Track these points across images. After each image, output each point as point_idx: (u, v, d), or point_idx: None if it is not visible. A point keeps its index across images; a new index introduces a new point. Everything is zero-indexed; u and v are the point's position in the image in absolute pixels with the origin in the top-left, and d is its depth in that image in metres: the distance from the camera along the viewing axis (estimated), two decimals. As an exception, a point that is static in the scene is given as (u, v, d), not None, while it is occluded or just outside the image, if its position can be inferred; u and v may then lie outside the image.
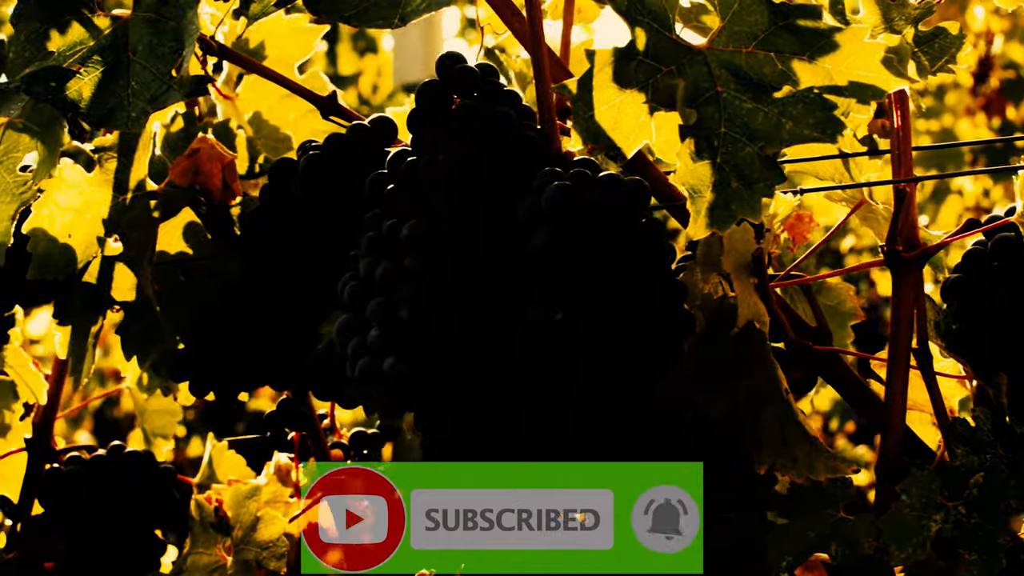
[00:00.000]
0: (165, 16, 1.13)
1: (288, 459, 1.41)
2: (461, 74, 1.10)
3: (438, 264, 1.06)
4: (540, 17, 1.10)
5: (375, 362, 1.05)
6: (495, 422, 1.09)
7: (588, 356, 1.03)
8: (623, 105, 1.03)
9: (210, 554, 1.30)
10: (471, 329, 1.07)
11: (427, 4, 1.05)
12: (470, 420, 1.08)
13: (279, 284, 1.23)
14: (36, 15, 1.17)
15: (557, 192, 1.03)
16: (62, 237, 1.25)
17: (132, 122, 1.10)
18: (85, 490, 1.40)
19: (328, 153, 1.20)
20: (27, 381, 1.41)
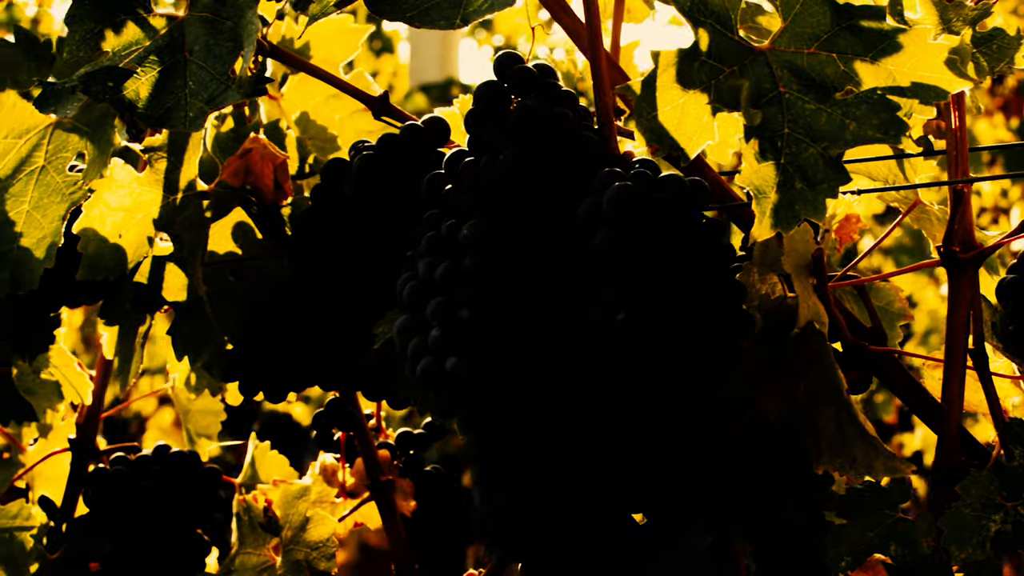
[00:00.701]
0: (222, 16, 1.13)
1: (334, 459, 1.41)
2: (519, 74, 1.10)
3: (498, 264, 1.06)
4: (598, 18, 1.11)
5: (436, 362, 1.05)
6: (556, 422, 1.09)
7: (649, 357, 1.03)
8: (686, 106, 1.03)
9: (259, 554, 1.30)
10: (532, 329, 1.07)
11: (489, 4, 1.05)
12: (531, 419, 1.09)
13: (331, 284, 1.23)
14: (91, 15, 1.16)
15: (618, 193, 1.03)
16: (112, 237, 1.25)
17: (190, 122, 1.10)
18: (131, 491, 1.40)
19: (382, 153, 1.20)
20: (72, 381, 1.41)
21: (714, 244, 1.07)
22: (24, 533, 1.34)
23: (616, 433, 1.07)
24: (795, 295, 1.08)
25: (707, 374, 1.05)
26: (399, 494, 1.38)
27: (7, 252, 1.26)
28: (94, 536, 1.39)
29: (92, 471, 1.43)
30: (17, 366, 1.38)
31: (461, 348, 1.05)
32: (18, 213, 1.28)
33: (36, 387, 1.40)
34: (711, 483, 1.09)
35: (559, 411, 1.09)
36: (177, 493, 1.40)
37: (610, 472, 1.09)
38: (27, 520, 1.34)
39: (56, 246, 1.25)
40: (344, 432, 1.40)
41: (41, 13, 3.68)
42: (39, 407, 1.40)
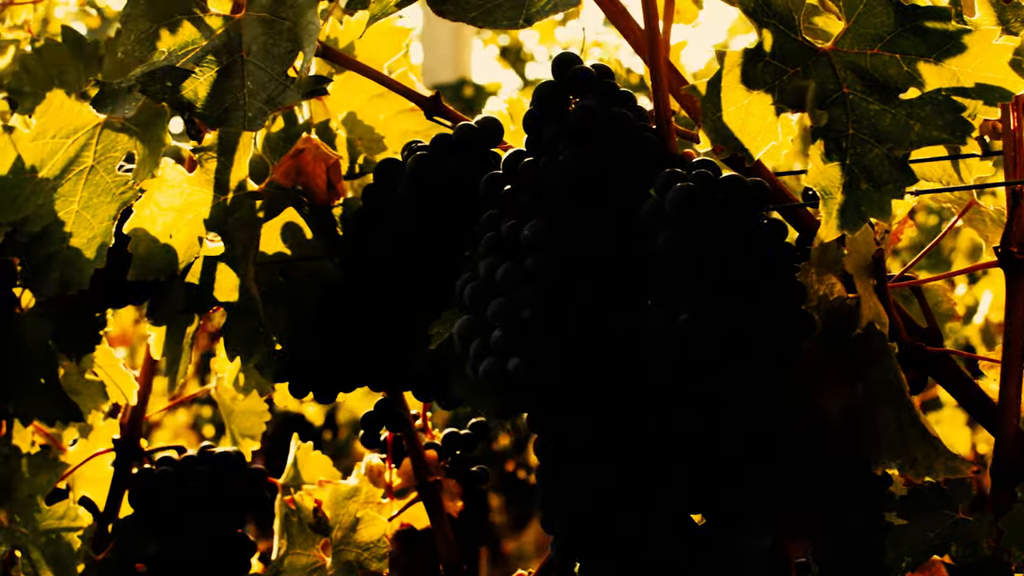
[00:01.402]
0: (280, 16, 1.13)
1: (380, 459, 1.41)
2: (578, 75, 1.10)
3: (560, 265, 1.06)
4: (657, 20, 1.11)
5: (499, 362, 1.05)
6: (618, 421, 1.09)
7: (711, 357, 1.03)
8: (750, 106, 1.03)
9: (308, 555, 1.30)
10: (593, 329, 1.07)
11: (552, 5, 1.05)
12: (592, 419, 1.09)
13: (382, 285, 1.23)
14: (146, 15, 1.16)
15: (681, 193, 1.03)
16: (163, 237, 1.25)
17: (249, 122, 1.10)
18: (177, 491, 1.40)
19: (436, 153, 1.19)
20: (117, 381, 1.41)
21: (776, 244, 1.07)
22: (71, 534, 1.33)
23: (674, 433, 1.07)
24: (855, 296, 1.08)
25: (769, 375, 1.06)
26: (446, 494, 1.38)
27: (57, 252, 1.27)
28: (140, 537, 1.39)
29: (138, 471, 1.43)
30: (63, 366, 1.38)
31: (523, 348, 1.05)
32: (67, 213, 1.28)
33: (81, 387, 1.40)
34: (771, 483, 1.09)
35: (619, 411, 1.09)
36: (223, 493, 1.40)
37: (669, 471, 1.09)
38: (74, 521, 1.34)
39: (107, 246, 1.25)
40: (392, 432, 1.40)
41: (48, 14, 3.67)
42: (84, 407, 1.40)
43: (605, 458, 1.10)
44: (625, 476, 1.10)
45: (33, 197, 1.30)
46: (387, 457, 1.40)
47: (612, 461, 1.10)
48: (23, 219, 1.28)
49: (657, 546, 1.09)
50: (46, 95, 1.31)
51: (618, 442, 1.10)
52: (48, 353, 1.37)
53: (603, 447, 1.10)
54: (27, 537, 1.35)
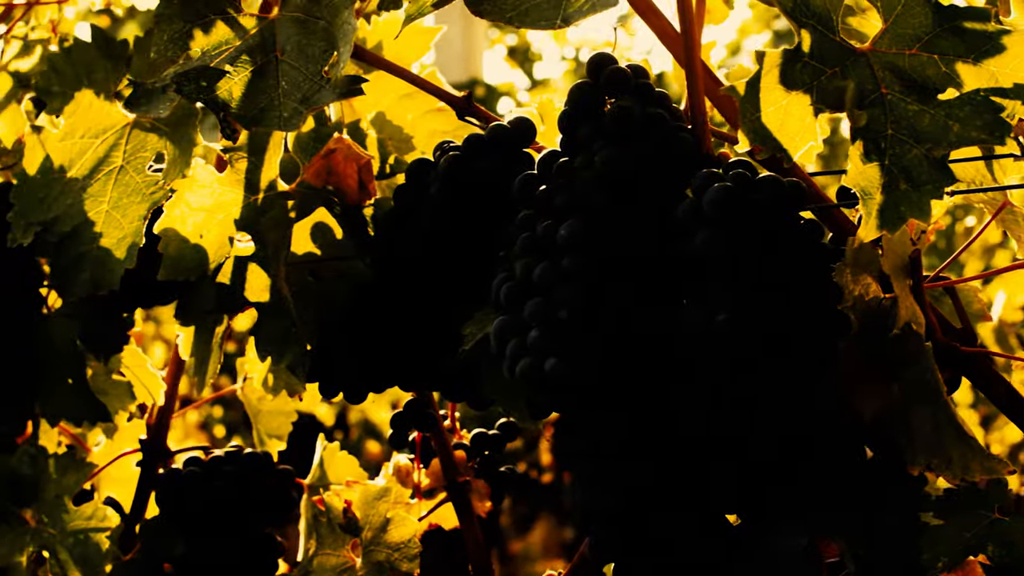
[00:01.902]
0: (315, 16, 1.13)
1: (408, 460, 1.40)
2: (614, 75, 1.10)
3: (597, 264, 1.06)
4: (693, 22, 1.10)
5: (535, 363, 1.05)
6: (653, 422, 1.09)
7: (749, 357, 1.03)
8: (789, 107, 1.03)
9: (338, 555, 1.30)
10: (630, 330, 1.07)
11: (591, 5, 1.05)
12: (628, 419, 1.09)
13: (414, 285, 1.23)
14: (180, 15, 1.16)
15: (719, 193, 1.03)
16: (193, 237, 1.25)
17: (285, 122, 1.10)
18: (205, 491, 1.39)
19: (469, 153, 1.19)
20: (144, 382, 1.41)
21: (813, 245, 1.07)
22: (100, 535, 1.33)
23: (711, 433, 1.07)
24: (891, 296, 1.08)
25: (806, 375, 1.06)
26: (475, 495, 1.38)
27: (87, 252, 1.27)
28: (167, 537, 1.38)
29: (166, 472, 1.43)
30: (91, 366, 1.38)
31: (560, 349, 1.05)
32: (97, 213, 1.28)
33: (108, 387, 1.40)
34: (807, 483, 1.09)
35: (654, 411, 1.09)
36: (250, 494, 1.40)
37: (705, 472, 1.09)
38: (102, 521, 1.34)
39: (137, 246, 1.25)
40: (421, 433, 1.40)
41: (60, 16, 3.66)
42: (111, 408, 1.40)
43: (640, 458, 1.09)
44: (660, 476, 1.10)
45: (62, 197, 1.30)
46: (415, 457, 1.40)
47: (647, 461, 1.09)
48: (53, 219, 1.28)
49: (692, 546, 1.09)
50: (75, 95, 1.32)
51: (653, 442, 1.10)
52: (76, 353, 1.37)
53: (638, 447, 1.10)
54: (55, 538, 1.35)
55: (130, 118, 1.30)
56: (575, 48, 5.54)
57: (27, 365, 1.38)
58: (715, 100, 1.16)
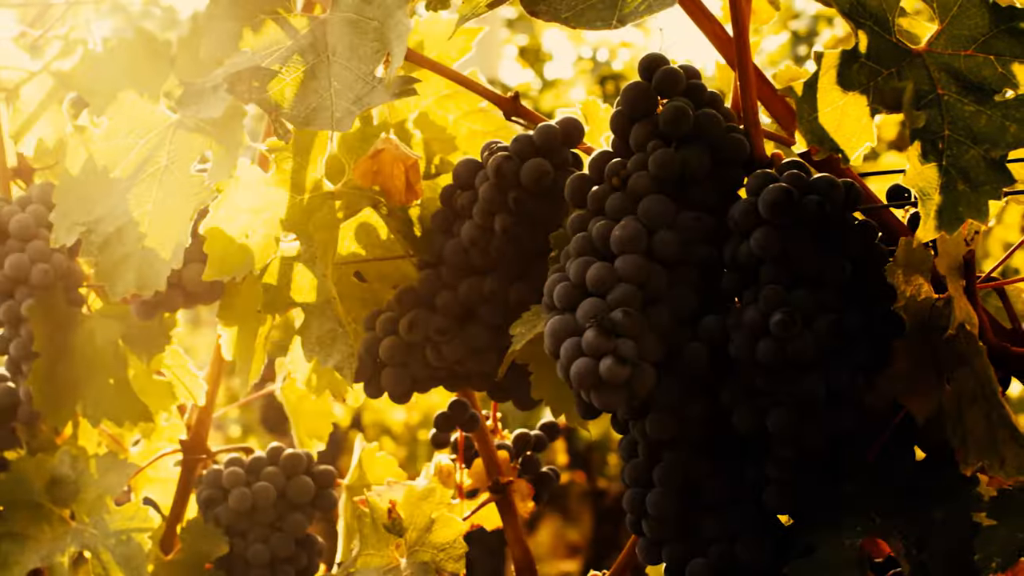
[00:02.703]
0: (367, 16, 1.12)
1: (450, 460, 1.40)
2: (666, 76, 1.10)
3: (653, 265, 1.06)
4: (746, 25, 1.10)
5: (591, 363, 1.05)
6: (707, 422, 1.09)
7: (805, 357, 1.03)
8: (846, 107, 1.03)
9: (382, 555, 1.29)
10: (685, 329, 1.07)
11: (646, 6, 1.05)
12: (683, 420, 1.09)
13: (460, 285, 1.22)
14: (229, 15, 1.16)
15: (775, 194, 1.03)
16: (240, 237, 1.25)
17: (337, 122, 1.10)
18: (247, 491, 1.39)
19: (518, 153, 1.19)
20: (185, 382, 1.41)
21: (868, 245, 1.07)
22: (142, 535, 1.33)
23: (764, 433, 1.07)
24: (944, 296, 1.08)
25: (862, 375, 1.06)
26: (517, 495, 1.38)
27: (131, 252, 1.26)
28: (209, 537, 1.38)
29: (207, 471, 1.43)
30: (132, 366, 1.38)
31: (616, 349, 1.05)
32: (142, 213, 1.27)
33: (149, 388, 1.40)
34: (859, 483, 1.09)
35: (709, 411, 1.09)
36: (292, 494, 1.40)
37: (758, 472, 1.09)
38: (144, 522, 1.34)
39: (182, 247, 1.25)
40: (465, 433, 1.40)
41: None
42: (152, 408, 1.40)
43: (692, 459, 1.10)
44: (712, 477, 1.10)
45: (105, 197, 1.29)
46: (457, 458, 1.40)
47: (700, 461, 1.10)
48: (96, 219, 1.28)
49: (744, 547, 1.09)
50: (118, 95, 1.31)
51: (706, 443, 1.10)
52: (118, 353, 1.37)
53: (691, 447, 1.10)
54: (96, 538, 1.35)
55: (174, 118, 1.29)
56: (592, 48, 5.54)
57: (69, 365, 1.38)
58: (764, 100, 1.16)
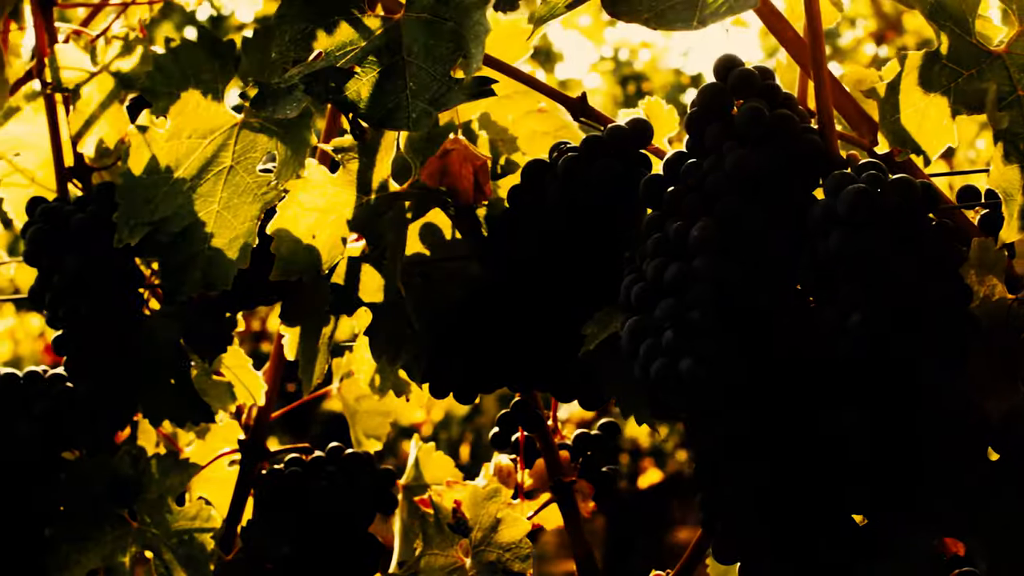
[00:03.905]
0: (442, 17, 1.13)
1: (509, 460, 1.41)
2: (742, 77, 1.11)
3: (730, 265, 1.06)
4: (820, 23, 1.11)
5: (671, 364, 1.05)
6: (783, 422, 1.09)
7: (881, 357, 1.04)
8: (927, 109, 1.04)
9: (446, 555, 1.30)
10: (762, 330, 1.07)
11: (728, 7, 1.05)
12: (761, 419, 1.09)
13: (529, 286, 1.23)
14: (303, 15, 1.16)
15: (854, 195, 1.03)
16: (306, 238, 1.25)
17: (414, 123, 1.10)
18: (307, 491, 1.39)
19: (587, 154, 1.20)
20: (245, 382, 1.41)
21: (945, 246, 1.07)
22: (204, 535, 1.33)
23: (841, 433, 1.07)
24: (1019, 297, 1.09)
25: (939, 376, 1.06)
26: (579, 495, 1.38)
27: (198, 252, 1.26)
28: (270, 537, 1.38)
29: (267, 471, 1.43)
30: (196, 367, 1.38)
31: (695, 350, 1.05)
32: (208, 213, 1.28)
33: (208, 388, 1.40)
34: (938, 484, 1.09)
35: (788, 411, 1.09)
36: (352, 493, 1.40)
37: (836, 472, 1.09)
38: (207, 522, 1.34)
39: (250, 247, 1.25)
40: (528, 433, 1.40)
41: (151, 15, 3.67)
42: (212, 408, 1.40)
43: (769, 458, 1.10)
44: (788, 476, 1.10)
45: (169, 197, 1.30)
46: (519, 458, 1.40)
47: (776, 461, 1.10)
48: (162, 219, 1.28)
49: (819, 547, 1.09)
50: (181, 95, 1.31)
51: (783, 442, 1.10)
52: (179, 354, 1.37)
53: (767, 447, 1.10)
54: (158, 538, 1.35)
55: (238, 118, 1.30)
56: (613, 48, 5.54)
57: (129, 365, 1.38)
58: (836, 102, 1.16)
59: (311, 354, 1.31)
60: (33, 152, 1.57)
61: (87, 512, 1.38)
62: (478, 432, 4.86)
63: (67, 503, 1.39)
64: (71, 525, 1.38)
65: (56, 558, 1.38)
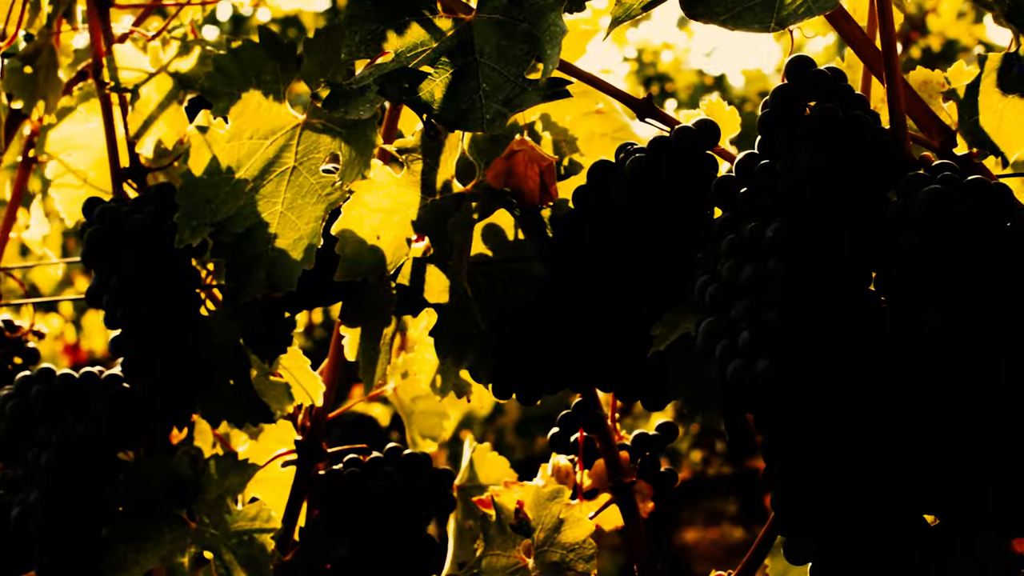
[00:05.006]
0: (515, 18, 1.13)
1: (568, 460, 1.41)
2: (814, 78, 1.11)
3: (804, 266, 1.06)
4: (892, 24, 1.11)
5: (747, 364, 1.06)
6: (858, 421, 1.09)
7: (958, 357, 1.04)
8: (1005, 110, 1.04)
9: (508, 556, 1.30)
10: (838, 330, 1.08)
11: (806, 8, 1.05)
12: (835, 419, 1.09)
13: (595, 286, 1.23)
14: (373, 16, 1.16)
15: (931, 196, 1.03)
16: (371, 239, 1.25)
17: (487, 124, 1.10)
18: (365, 492, 1.39)
19: (655, 155, 1.20)
20: (303, 383, 1.41)
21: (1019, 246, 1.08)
22: (264, 535, 1.33)
23: (917, 432, 1.07)
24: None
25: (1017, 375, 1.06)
26: (638, 495, 1.38)
27: (262, 253, 1.27)
28: (328, 538, 1.38)
29: (326, 472, 1.43)
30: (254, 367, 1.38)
31: (771, 350, 1.05)
32: (271, 214, 1.28)
33: (266, 388, 1.40)
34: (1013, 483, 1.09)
35: (861, 411, 1.09)
36: (411, 494, 1.40)
37: (909, 471, 1.10)
38: (267, 522, 1.34)
39: (315, 248, 1.25)
40: (589, 433, 1.40)
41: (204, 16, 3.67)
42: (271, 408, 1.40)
43: (843, 458, 1.10)
44: (861, 476, 1.10)
45: (230, 198, 1.30)
46: (579, 458, 1.40)
47: (850, 461, 1.10)
48: (224, 220, 1.28)
49: (891, 546, 1.10)
50: (242, 96, 1.32)
51: (856, 442, 1.10)
52: (239, 354, 1.37)
53: (841, 447, 1.10)
54: (217, 538, 1.35)
55: (300, 119, 1.30)
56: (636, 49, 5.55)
57: (187, 366, 1.38)
58: (911, 111, 1.16)
59: (372, 355, 1.31)
60: (85, 153, 1.58)
61: (145, 512, 1.38)
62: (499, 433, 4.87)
63: (126, 503, 1.39)
64: (129, 525, 1.38)
65: (113, 558, 1.38)
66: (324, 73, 1.28)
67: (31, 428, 1.44)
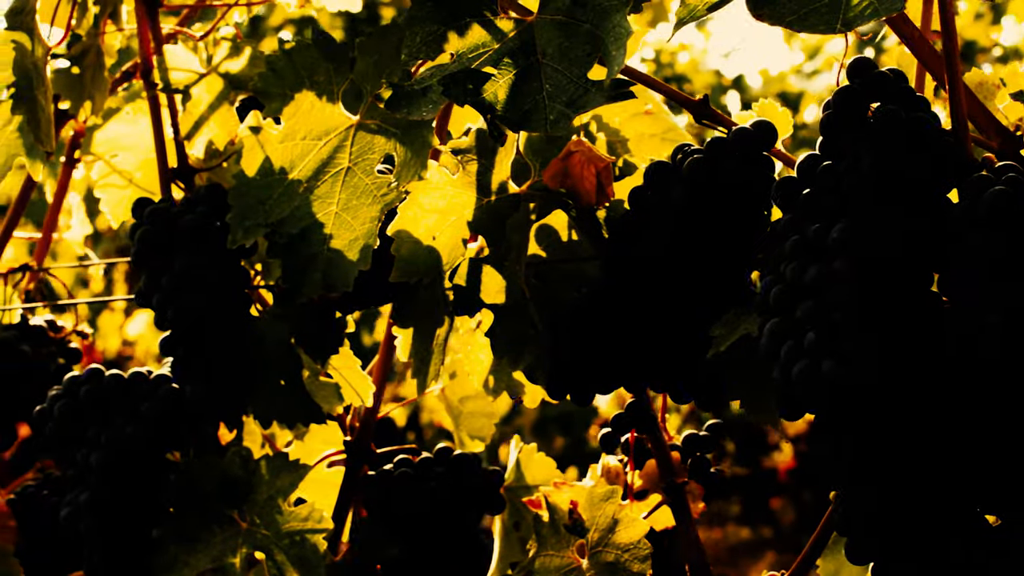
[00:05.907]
0: (578, 19, 1.13)
1: (618, 461, 1.41)
2: (876, 80, 1.11)
3: (869, 266, 1.07)
4: (954, 25, 1.11)
5: (813, 365, 1.06)
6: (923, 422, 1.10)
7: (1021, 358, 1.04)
8: (1069, 112, 1.04)
9: (561, 556, 1.30)
10: (903, 330, 1.08)
11: (872, 10, 1.05)
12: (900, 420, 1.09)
13: (651, 287, 1.23)
14: (433, 17, 1.17)
15: (995, 196, 1.04)
16: (426, 239, 1.25)
17: (551, 124, 1.10)
18: (416, 492, 1.40)
19: (713, 156, 1.20)
20: (353, 383, 1.41)
21: (1086, 248, 1.08)
22: (316, 536, 1.33)
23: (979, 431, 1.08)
24: None
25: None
26: (689, 496, 1.38)
27: (318, 253, 1.27)
28: (379, 538, 1.39)
29: (376, 473, 1.43)
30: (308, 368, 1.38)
31: (837, 351, 1.06)
32: (326, 215, 1.28)
33: (316, 388, 1.40)
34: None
35: (926, 411, 1.09)
36: (462, 495, 1.40)
37: (971, 471, 1.10)
38: (319, 523, 1.34)
39: (370, 248, 1.25)
40: (641, 434, 1.40)
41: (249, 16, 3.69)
42: (321, 408, 1.40)
43: (908, 459, 1.10)
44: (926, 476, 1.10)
45: (284, 199, 1.30)
46: (629, 458, 1.40)
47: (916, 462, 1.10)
48: (279, 220, 1.28)
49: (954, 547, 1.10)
50: (295, 96, 1.32)
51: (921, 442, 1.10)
52: (290, 354, 1.37)
53: (906, 448, 1.10)
54: (269, 539, 1.35)
55: (354, 120, 1.30)
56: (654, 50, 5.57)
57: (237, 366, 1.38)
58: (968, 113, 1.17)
59: (425, 356, 1.31)
60: (131, 153, 1.58)
61: (196, 513, 1.38)
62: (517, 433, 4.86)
63: (176, 504, 1.39)
64: (180, 526, 1.38)
65: (163, 559, 1.38)
66: (379, 74, 1.28)
67: (80, 429, 1.44)
